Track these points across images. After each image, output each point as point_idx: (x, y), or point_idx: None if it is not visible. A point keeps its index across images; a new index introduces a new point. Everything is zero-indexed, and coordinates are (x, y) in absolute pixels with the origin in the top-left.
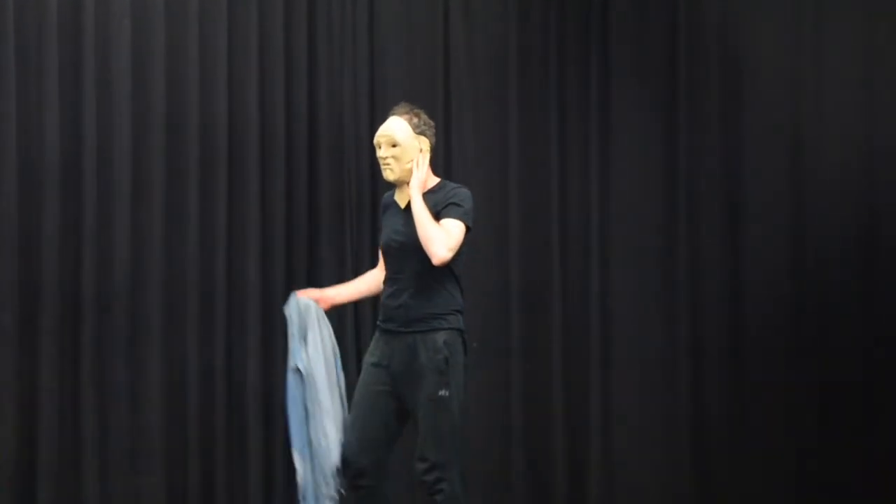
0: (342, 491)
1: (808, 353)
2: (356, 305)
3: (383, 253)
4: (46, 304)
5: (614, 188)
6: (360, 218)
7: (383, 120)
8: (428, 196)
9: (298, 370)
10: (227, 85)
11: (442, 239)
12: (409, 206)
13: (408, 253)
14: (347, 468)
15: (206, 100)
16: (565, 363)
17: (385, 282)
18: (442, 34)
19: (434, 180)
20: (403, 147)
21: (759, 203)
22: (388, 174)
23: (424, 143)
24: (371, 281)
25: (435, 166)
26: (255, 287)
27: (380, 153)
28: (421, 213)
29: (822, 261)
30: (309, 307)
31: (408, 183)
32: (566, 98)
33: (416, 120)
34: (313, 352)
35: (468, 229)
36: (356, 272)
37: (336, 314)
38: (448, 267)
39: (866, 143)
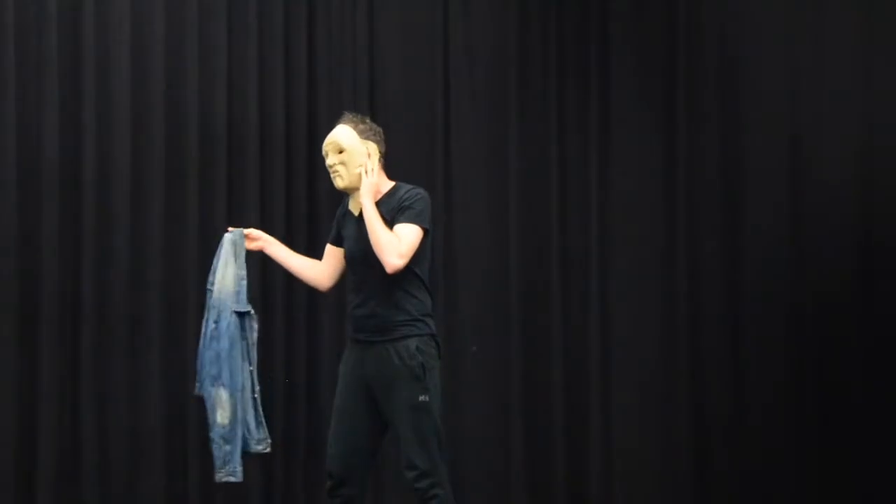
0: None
1: (807, 352)
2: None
3: (347, 263)
4: (46, 305)
5: (614, 188)
6: None
7: (384, 120)
8: (383, 201)
9: (249, 313)
10: (226, 85)
11: (393, 245)
12: (360, 212)
13: (371, 262)
14: (329, 478)
15: (205, 100)
16: (565, 364)
17: (351, 291)
18: (442, 34)
19: (388, 184)
20: (349, 152)
21: (759, 203)
22: (338, 182)
23: (372, 148)
24: (313, 267)
25: (435, 166)
26: (254, 288)
27: (328, 162)
28: (372, 220)
29: (822, 260)
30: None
31: (359, 189)
32: (566, 98)
33: (361, 126)
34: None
35: (425, 231)
36: None
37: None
38: (413, 272)
39: (865, 142)
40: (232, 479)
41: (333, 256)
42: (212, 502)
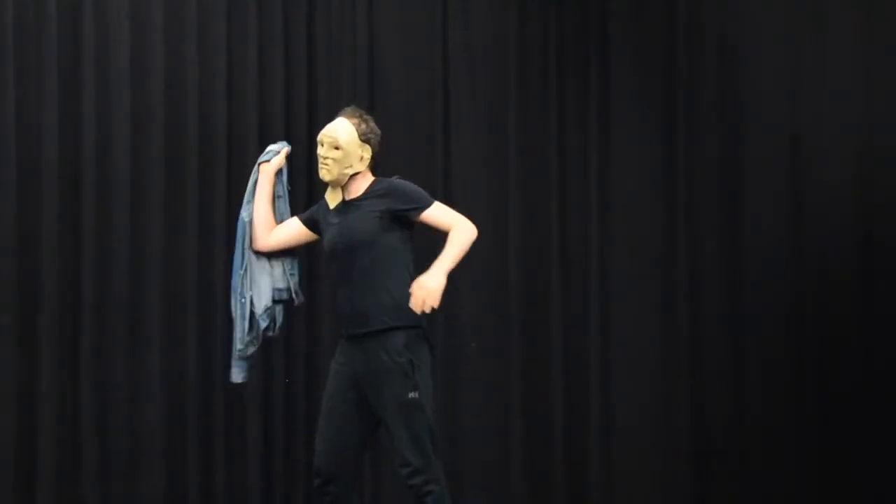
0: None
1: (807, 352)
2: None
3: (329, 257)
4: (46, 305)
5: (614, 188)
6: None
7: (384, 120)
8: (375, 199)
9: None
10: (226, 85)
11: (461, 228)
12: (339, 206)
13: (354, 252)
14: (317, 475)
15: (205, 100)
16: (565, 364)
17: (336, 285)
18: (442, 34)
19: (370, 180)
20: (346, 151)
21: (759, 203)
22: (325, 174)
23: (367, 152)
24: (266, 222)
25: (435, 166)
26: None
27: (320, 151)
28: (454, 257)
29: (822, 260)
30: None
31: (342, 184)
32: (565, 98)
33: (363, 126)
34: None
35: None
36: None
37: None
38: (400, 257)
39: (865, 142)
40: (230, 379)
41: (291, 227)
42: (212, 502)
